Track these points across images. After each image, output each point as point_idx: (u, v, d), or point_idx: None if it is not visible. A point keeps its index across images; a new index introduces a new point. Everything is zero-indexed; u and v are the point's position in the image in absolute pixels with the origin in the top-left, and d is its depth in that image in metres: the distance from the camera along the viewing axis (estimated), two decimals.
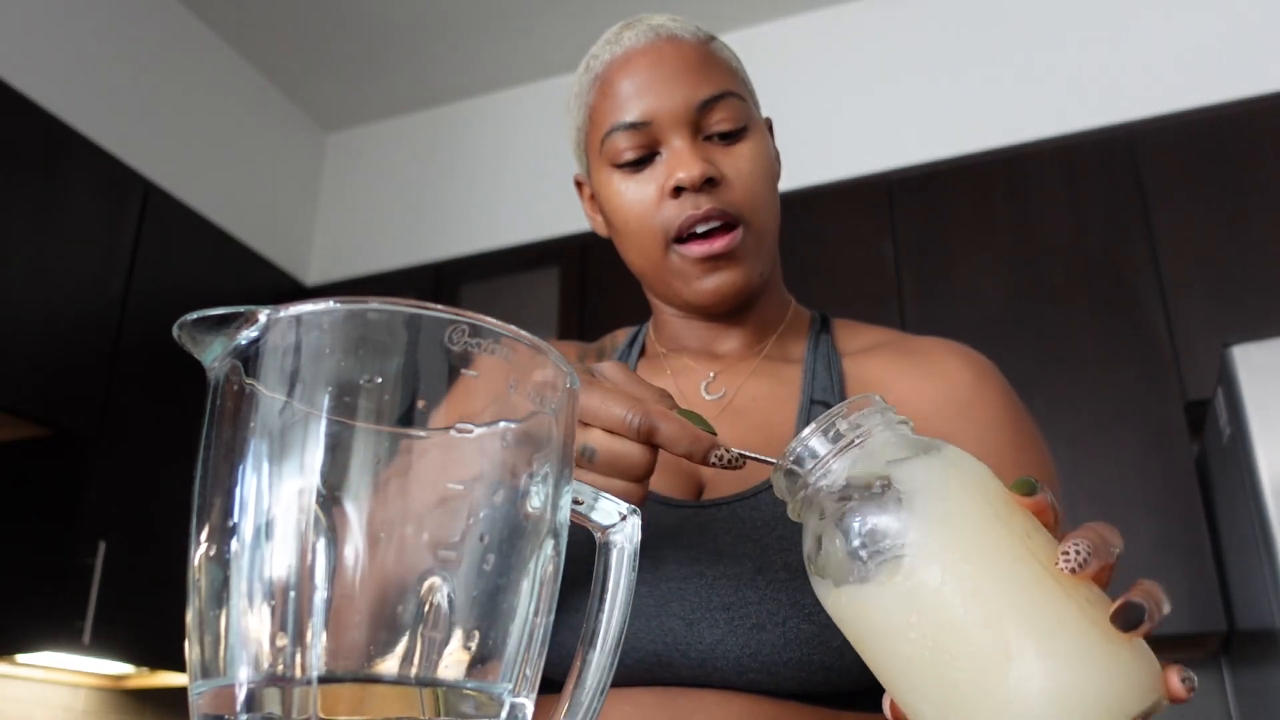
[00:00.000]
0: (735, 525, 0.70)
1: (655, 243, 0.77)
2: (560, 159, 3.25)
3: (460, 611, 0.27)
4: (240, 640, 0.26)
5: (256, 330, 0.28)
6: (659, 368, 0.86)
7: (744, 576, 0.67)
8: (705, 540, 0.69)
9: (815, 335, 0.85)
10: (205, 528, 0.28)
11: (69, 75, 2.65)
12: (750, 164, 0.77)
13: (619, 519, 0.33)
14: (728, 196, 0.75)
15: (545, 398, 0.30)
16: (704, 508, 0.71)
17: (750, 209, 0.76)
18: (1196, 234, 2.36)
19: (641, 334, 0.92)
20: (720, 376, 0.82)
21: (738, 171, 0.76)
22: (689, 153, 0.75)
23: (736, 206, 0.76)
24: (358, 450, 0.27)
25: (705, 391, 0.81)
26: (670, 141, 0.76)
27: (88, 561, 2.39)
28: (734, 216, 0.75)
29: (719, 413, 0.79)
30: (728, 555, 0.68)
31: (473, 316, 0.28)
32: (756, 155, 0.77)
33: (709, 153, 0.76)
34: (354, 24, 3.15)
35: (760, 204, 0.77)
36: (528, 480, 0.29)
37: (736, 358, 0.83)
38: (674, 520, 0.71)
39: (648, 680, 0.67)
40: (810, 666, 0.65)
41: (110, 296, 2.60)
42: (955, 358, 0.80)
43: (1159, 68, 2.64)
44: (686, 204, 0.75)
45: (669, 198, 0.75)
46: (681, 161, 0.74)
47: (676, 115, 0.76)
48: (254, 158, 3.29)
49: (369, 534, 0.26)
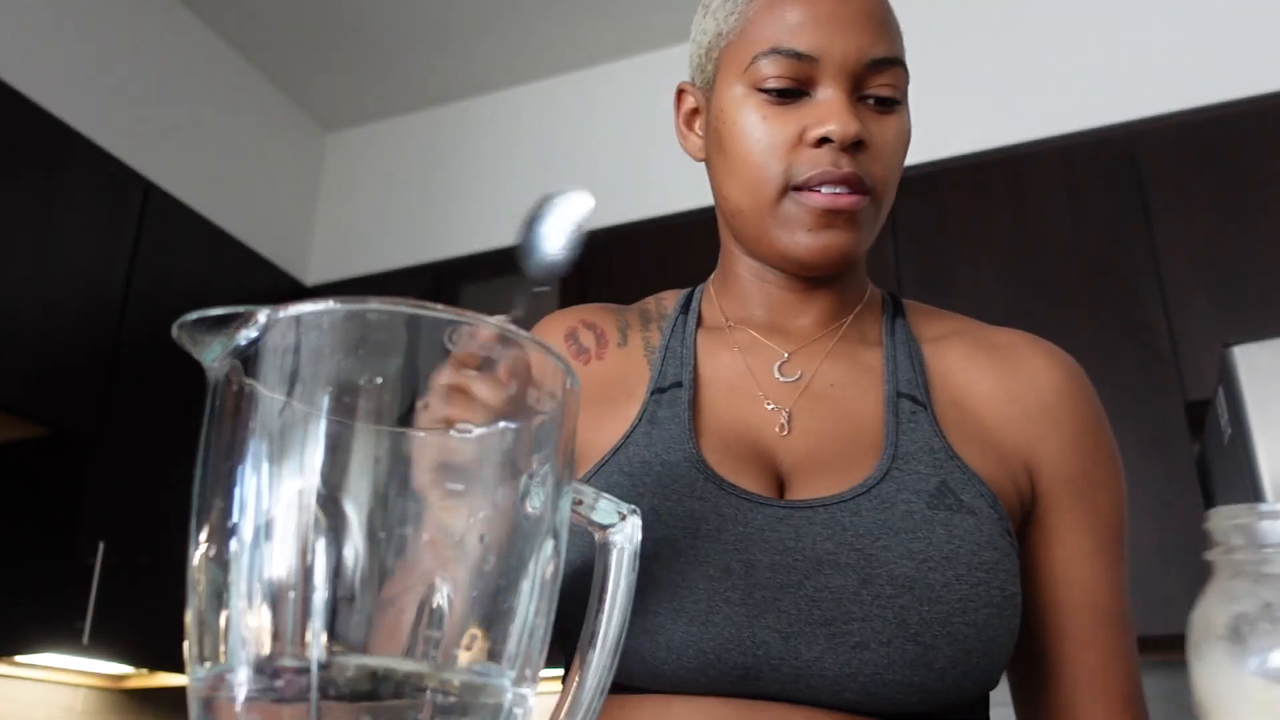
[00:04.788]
0: (836, 531, 0.65)
1: (772, 184, 0.71)
2: (560, 159, 3.25)
3: (460, 611, 0.27)
4: (240, 640, 0.26)
5: (256, 330, 0.28)
6: (724, 342, 0.78)
7: (847, 590, 0.63)
8: (803, 545, 0.65)
9: (890, 318, 0.80)
10: (205, 528, 0.27)
11: (69, 75, 2.65)
12: (896, 139, 0.72)
13: (619, 519, 0.33)
14: (869, 165, 0.70)
15: (545, 398, 0.30)
16: (798, 509, 0.66)
17: (884, 184, 0.72)
18: (1196, 234, 2.36)
19: (696, 300, 0.84)
20: (795, 357, 0.76)
21: (884, 142, 0.71)
22: (846, 107, 0.69)
23: (874, 178, 0.71)
24: (358, 450, 0.27)
25: (779, 372, 0.75)
26: (827, 86, 0.70)
27: (87, 561, 2.39)
28: (869, 188, 0.70)
29: (795, 397, 0.74)
30: (827, 565, 0.64)
31: (473, 316, 0.28)
32: (903, 132, 0.73)
33: (860, 114, 0.71)
34: (354, 24, 3.15)
35: (893, 182, 0.73)
36: (528, 480, 0.29)
37: (808, 336, 0.77)
38: (763, 520, 0.66)
39: (730, 693, 0.63)
40: (911, 689, 0.61)
41: (110, 296, 2.60)
42: (1043, 357, 0.76)
43: (1159, 68, 2.64)
44: (826, 158, 0.69)
45: (808, 145, 0.70)
46: (836, 113, 0.69)
47: (845, 62, 0.70)
48: (254, 158, 3.29)
49: (369, 534, 0.26)
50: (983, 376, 0.74)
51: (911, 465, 0.67)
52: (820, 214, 0.70)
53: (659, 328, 0.81)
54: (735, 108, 0.72)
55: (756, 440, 0.71)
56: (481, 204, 3.31)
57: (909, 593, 0.62)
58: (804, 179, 0.69)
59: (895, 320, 0.79)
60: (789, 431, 0.71)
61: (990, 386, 0.73)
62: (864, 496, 0.66)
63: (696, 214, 2.92)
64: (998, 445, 0.71)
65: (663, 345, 0.78)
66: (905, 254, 2.58)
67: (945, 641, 0.62)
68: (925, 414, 0.71)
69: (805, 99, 0.71)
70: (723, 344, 0.78)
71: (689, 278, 0.90)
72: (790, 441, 0.71)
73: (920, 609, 0.62)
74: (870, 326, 0.79)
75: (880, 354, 0.76)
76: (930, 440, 0.69)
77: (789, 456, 0.70)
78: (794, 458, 0.70)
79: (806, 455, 0.70)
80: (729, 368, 0.76)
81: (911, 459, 0.68)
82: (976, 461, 0.69)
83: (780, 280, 0.77)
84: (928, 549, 0.63)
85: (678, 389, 0.74)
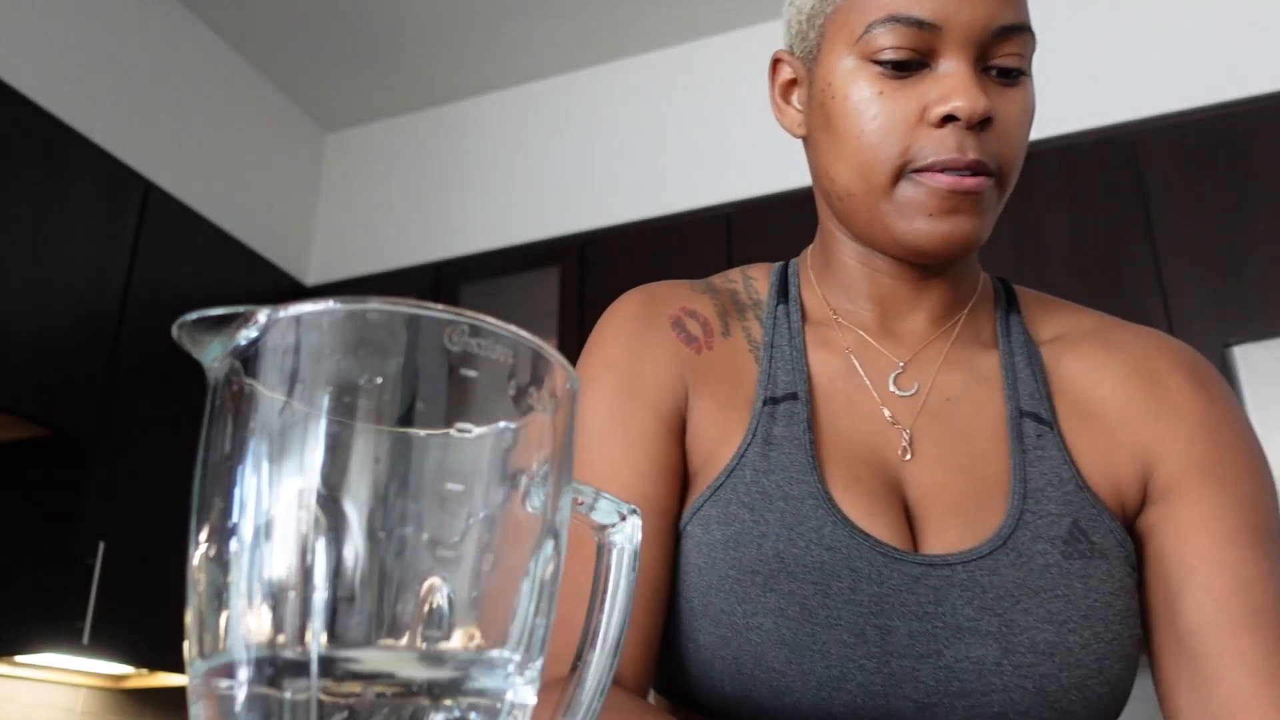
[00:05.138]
0: (976, 594, 0.61)
1: (889, 166, 0.64)
2: (560, 159, 3.25)
3: (460, 611, 0.27)
4: (240, 640, 0.26)
5: (256, 330, 0.28)
6: (834, 343, 0.72)
7: (988, 661, 0.60)
8: (942, 610, 0.61)
9: (1004, 313, 0.73)
10: (205, 528, 0.27)
11: (69, 75, 2.65)
12: (1022, 114, 0.65)
13: (619, 519, 0.33)
14: (994, 146, 0.63)
15: (545, 398, 0.30)
16: (935, 566, 0.62)
17: (1010, 164, 0.65)
18: (1196, 234, 2.36)
19: (794, 284, 0.76)
20: (911, 366, 0.70)
21: (1010, 118, 0.64)
22: (973, 81, 0.62)
23: (999, 159, 0.64)
24: (358, 450, 0.27)
25: (894, 385, 0.69)
26: (950, 57, 0.63)
27: (87, 561, 2.39)
28: (993, 171, 0.63)
29: (914, 415, 0.68)
30: (968, 633, 0.60)
31: (473, 316, 0.28)
32: (1027, 105, 0.65)
33: (985, 87, 0.63)
34: (354, 24, 3.15)
35: (1018, 162, 0.66)
36: (528, 480, 0.29)
37: (921, 338, 0.71)
38: (899, 579, 0.61)
39: None
40: None
41: (110, 296, 2.60)
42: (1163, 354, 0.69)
43: (1159, 68, 2.64)
44: (950, 140, 0.62)
45: (929, 124, 0.63)
46: (961, 88, 0.62)
47: (971, 31, 0.62)
48: (254, 158, 3.29)
49: (369, 534, 0.26)
50: (1101, 378, 0.69)
51: (1042, 505, 0.64)
52: (943, 197, 0.63)
53: (757, 318, 0.74)
54: (846, 81, 0.65)
55: (881, 467, 0.66)
56: (481, 204, 3.31)
57: (1049, 660, 0.60)
58: (926, 162, 0.63)
59: (1010, 316, 0.73)
60: (911, 455, 0.67)
61: (1110, 388, 0.68)
62: (1001, 550, 0.62)
63: (696, 214, 2.92)
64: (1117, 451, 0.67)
65: (767, 342, 0.72)
66: None
67: (1081, 705, 0.60)
68: (1051, 435, 0.66)
69: (925, 71, 0.63)
70: (833, 346, 0.72)
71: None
72: (914, 469, 0.66)
73: (1059, 675, 0.59)
74: (984, 324, 0.73)
75: (997, 359, 0.71)
76: (1059, 469, 0.65)
77: (915, 488, 0.66)
78: (920, 490, 0.66)
79: (932, 488, 0.66)
80: (843, 378, 0.70)
81: (1042, 497, 0.64)
82: (1101, 480, 0.65)
83: (891, 269, 0.70)
84: (1066, 608, 0.61)
85: (793, 402, 0.68)
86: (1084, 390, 0.69)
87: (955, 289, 0.72)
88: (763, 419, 0.68)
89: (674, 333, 0.72)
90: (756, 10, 3.11)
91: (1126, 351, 0.70)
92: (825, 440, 0.67)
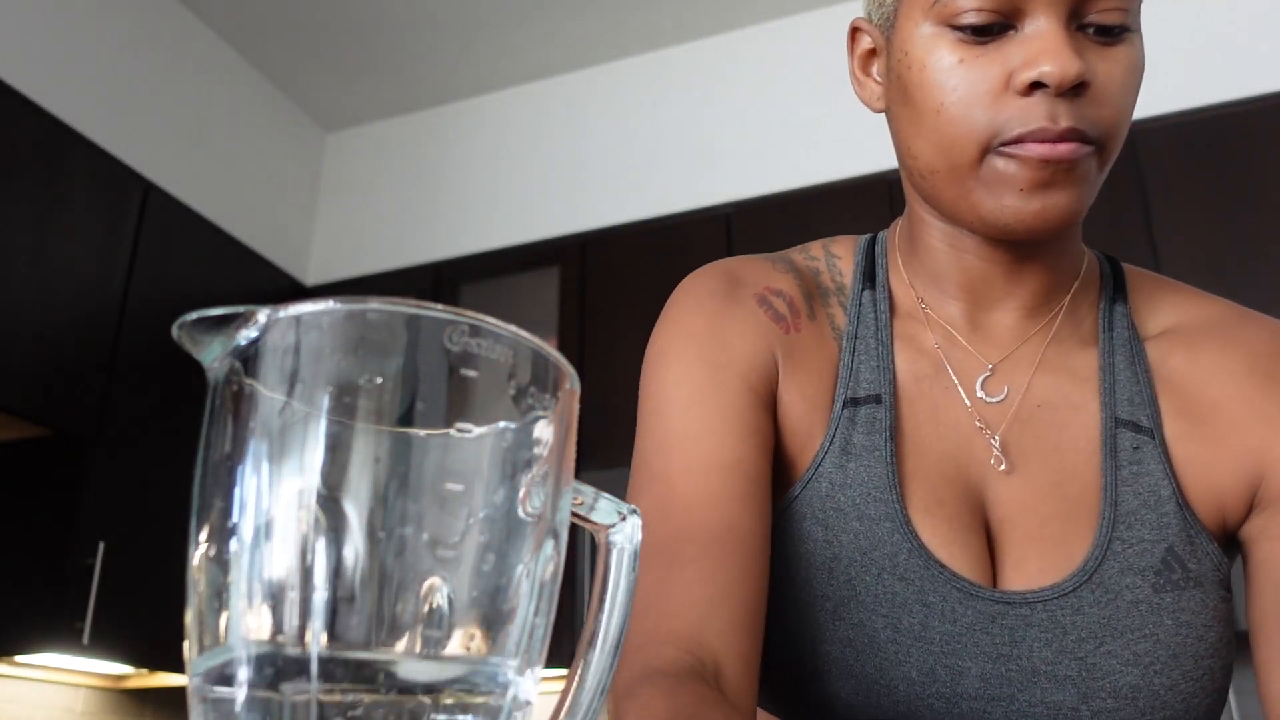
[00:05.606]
0: (1055, 636, 0.58)
1: (973, 141, 0.58)
2: (559, 159, 3.25)
3: (460, 611, 0.27)
4: (240, 640, 0.26)
5: (256, 330, 0.28)
6: (921, 343, 0.67)
7: (1064, 706, 0.57)
8: (1018, 652, 0.58)
9: (1109, 302, 0.66)
10: (205, 528, 0.27)
11: (69, 75, 2.65)
12: (1125, 75, 0.57)
13: (619, 519, 0.33)
14: (1093, 112, 0.56)
15: (545, 398, 0.30)
16: (1013, 605, 0.58)
17: (1113, 131, 0.58)
18: (1196, 234, 2.36)
19: (881, 267, 0.70)
20: (1001, 369, 0.64)
21: (1110, 81, 0.57)
22: (1063, 41, 0.55)
23: (1100, 127, 0.57)
24: (358, 450, 0.27)
25: (982, 390, 0.64)
26: (1036, 17, 0.56)
27: (87, 562, 2.39)
28: (1093, 138, 0.57)
29: (1004, 425, 0.63)
30: (1044, 677, 0.57)
31: (473, 316, 0.28)
32: (1134, 66, 0.58)
33: (1081, 47, 0.56)
34: (354, 24, 3.15)
35: (1123, 127, 0.58)
36: (528, 480, 0.29)
37: (1015, 333, 0.65)
38: (973, 618, 0.58)
39: None
40: None
41: (110, 296, 2.60)
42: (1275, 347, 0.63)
43: (1159, 68, 2.64)
44: (1040, 110, 0.56)
45: (1015, 93, 0.56)
46: (1050, 51, 0.55)
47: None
48: (254, 158, 3.29)
49: (369, 534, 0.26)
50: (1214, 378, 0.62)
51: (1135, 530, 0.59)
52: (1035, 169, 0.56)
53: (841, 304, 0.69)
54: (924, 50, 0.59)
55: (966, 485, 0.62)
56: (481, 204, 3.31)
57: (1131, 705, 0.57)
58: (1014, 135, 0.56)
59: (1115, 306, 0.66)
60: (1004, 466, 0.62)
61: (1221, 389, 0.62)
62: (1086, 586, 0.58)
63: (696, 214, 2.92)
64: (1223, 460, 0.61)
65: (850, 333, 0.67)
66: None
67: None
68: (1151, 446, 0.61)
69: (1010, 34, 0.57)
70: (920, 343, 0.66)
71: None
72: (1001, 485, 0.62)
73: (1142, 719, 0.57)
74: (1085, 315, 0.66)
75: (1096, 357, 0.65)
76: (1157, 486, 0.60)
77: (999, 507, 0.62)
78: (1004, 509, 0.62)
79: (1017, 508, 0.61)
80: (930, 379, 0.65)
81: (1134, 521, 0.60)
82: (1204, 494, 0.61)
83: (982, 252, 0.64)
84: (1154, 649, 0.57)
85: (875, 405, 0.64)
86: (1194, 391, 0.63)
87: (1053, 274, 0.65)
88: (842, 423, 0.64)
89: (761, 309, 0.67)
90: (757, 10, 3.11)
91: (1246, 347, 0.63)
92: (908, 452, 0.63)
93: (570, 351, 2.82)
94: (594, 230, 3.04)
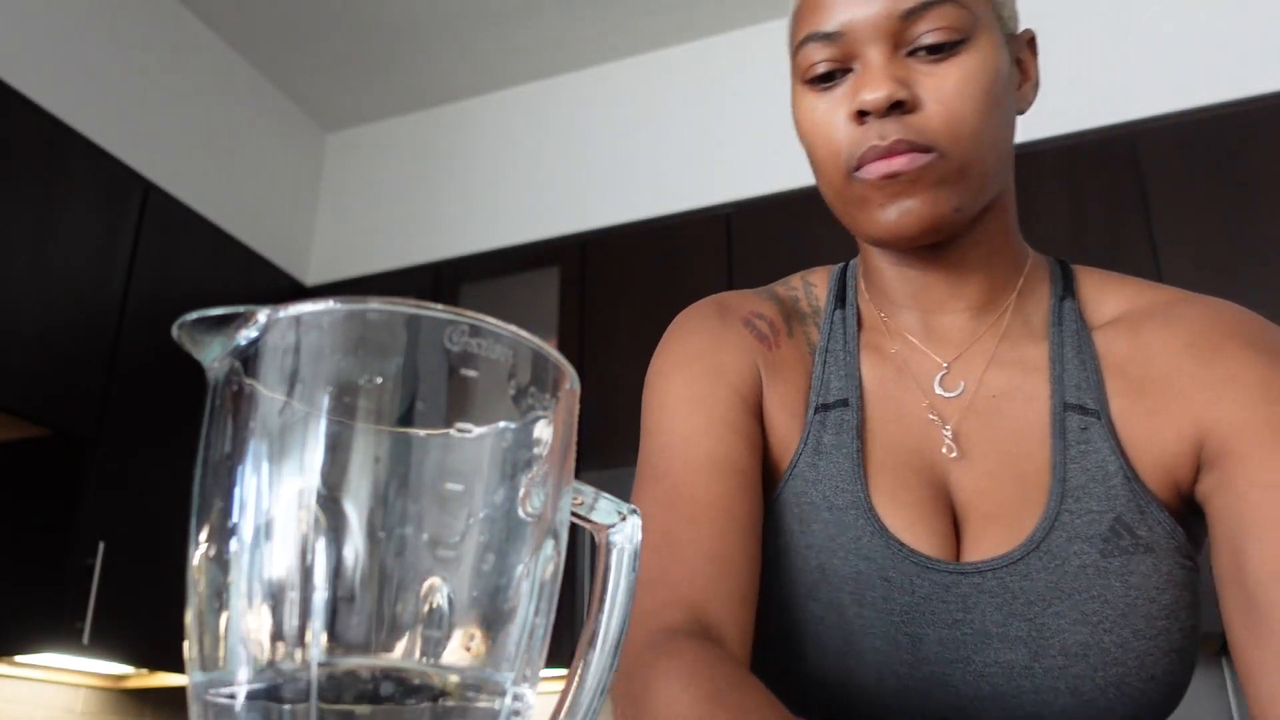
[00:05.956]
0: (1005, 600, 0.63)
1: (838, 171, 0.67)
2: (560, 159, 3.25)
3: (460, 611, 0.27)
4: (240, 640, 0.26)
5: (256, 330, 0.28)
6: (884, 351, 0.74)
7: (1017, 665, 0.62)
8: (971, 617, 0.64)
9: (1059, 299, 0.72)
10: (205, 528, 0.27)
11: (69, 75, 2.65)
12: (956, 83, 0.64)
13: (619, 519, 0.33)
14: (921, 124, 0.63)
15: (545, 398, 0.30)
16: (966, 574, 0.64)
17: (950, 136, 0.64)
18: (1196, 234, 2.36)
19: (850, 289, 0.78)
20: (956, 366, 0.71)
21: (938, 93, 0.64)
22: (879, 70, 0.64)
23: (929, 135, 0.63)
24: (358, 450, 0.27)
25: (940, 386, 0.71)
26: (864, 55, 0.65)
27: (88, 561, 2.39)
28: (925, 147, 0.63)
29: (960, 416, 0.70)
30: (996, 639, 0.63)
31: (473, 316, 0.28)
32: (967, 74, 0.64)
33: (907, 71, 0.64)
34: (354, 24, 3.16)
35: (965, 131, 0.64)
36: (528, 480, 0.29)
37: (967, 333, 0.72)
38: (929, 588, 0.64)
39: None
40: None
41: (110, 296, 2.60)
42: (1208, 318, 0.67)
43: (1159, 68, 2.64)
44: (871, 132, 0.64)
45: (853, 123, 0.65)
46: (867, 81, 0.64)
47: (875, 25, 0.65)
48: (254, 158, 3.29)
49: (369, 534, 0.26)
50: (1155, 355, 0.67)
51: (1083, 502, 0.64)
52: (878, 187, 0.64)
53: (815, 324, 0.77)
54: (797, 107, 0.70)
55: (929, 472, 0.68)
56: (481, 204, 3.31)
57: (1083, 661, 0.61)
58: (857, 160, 0.65)
59: (1064, 302, 0.72)
60: (957, 454, 0.68)
61: (1163, 365, 0.66)
62: (1034, 554, 0.63)
63: (696, 214, 2.92)
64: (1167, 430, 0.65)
65: (823, 348, 0.75)
66: None
67: (1121, 701, 0.61)
68: (1098, 425, 0.66)
69: (849, 75, 0.67)
70: (883, 351, 0.74)
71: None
72: (961, 471, 0.68)
73: (1094, 675, 0.61)
74: (1035, 311, 0.72)
75: (1047, 349, 0.70)
76: (1104, 462, 0.65)
77: (961, 491, 0.68)
78: (965, 493, 0.67)
79: (976, 492, 0.67)
80: (893, 382, 0.72)
81: (1083, 494, 0.64)
82: (1152, 466, 0.64)
83: (908, 262, 0.72)
84: (1102, 608, 0.61)
85: (843, 409, 0.71)
86: (1138, 371, 0.67)
87: (991, 276, 0.71)
88: (814, 427, 0.71)
89: (746, 330, 0.76)
90: (756, 10, 3.11)
91: (1185, 325, 0.67)
92: (874, 447, 0.70)
93: (570, 351, 2.82)
94: (594, 230, 3.04)
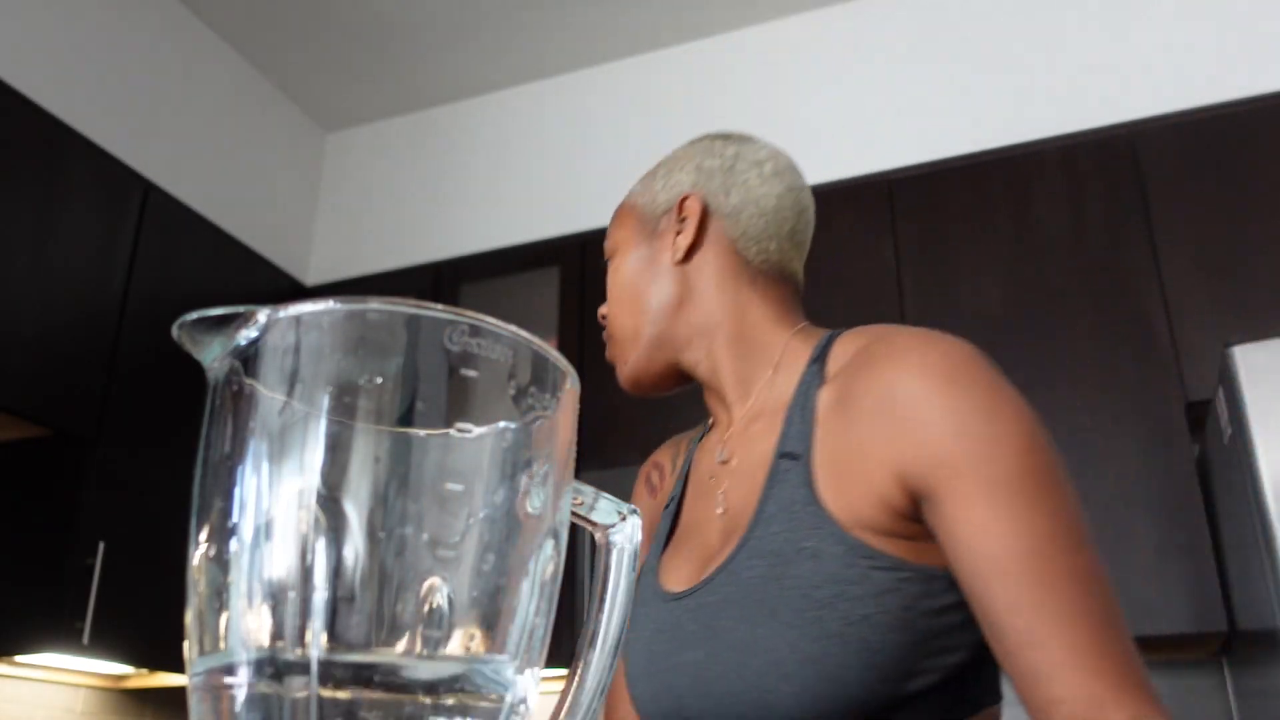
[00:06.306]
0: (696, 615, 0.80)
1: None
2: (559, 159, 3.25)
3: (460, 611, 0.27)
4: (240, 640, 0.26)
5: (256, 330, 0.28)
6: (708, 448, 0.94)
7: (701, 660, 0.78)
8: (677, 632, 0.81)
9: (810, 364, 0.83)
10: (205, 528, 0.27)
11: (69, 75, 2.65)
12: (612, 288, 0.92)
13: (619, 519, 0.33)
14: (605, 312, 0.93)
15: (545, 398, 0.30)
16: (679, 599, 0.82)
17: (612, 323, 0.92)
18: (1196, 234, 2.36)
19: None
20: (729, 442, 0.88)
21: (609, 291, 0.92)
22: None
23: (607, 323, 0.93)
24: (358, 450, 0.27)
25: (720, 458, 0.88)
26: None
27: (87, 561, 2.39)
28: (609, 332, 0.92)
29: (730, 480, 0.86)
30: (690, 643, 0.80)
31: (473, 316, 0.28)
32: (614, 280, 0.92)
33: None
34: (354, 24, 3.15)
35: (615, 315, 0.91)
36: (528, 480, 0.29)
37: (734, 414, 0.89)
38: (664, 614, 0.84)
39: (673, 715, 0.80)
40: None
41: (110, 296, 2.60)
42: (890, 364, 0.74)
43: (1159, 68, 2.64)
44: None
45: None
46: None
47: None
48: (254, 158, 3.29)
49: (369, 534, 0.26)
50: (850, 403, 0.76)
51: (769, 528, 0.76)
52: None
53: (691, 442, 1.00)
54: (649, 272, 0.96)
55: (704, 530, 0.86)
56: (481, 204, 3.31)
57: (747, 650, 0.73)
58: None
59: (812, 366, 0.82)
60: (723, 509, 0.85)
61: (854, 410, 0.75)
62: (720, 574, 0.78)
63: None
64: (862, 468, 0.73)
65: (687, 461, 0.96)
66: (905, 255, 2.58)
67: (784, 683, 0.71)
68: (797, 467, 0.77)
69: None
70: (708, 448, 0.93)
71: None
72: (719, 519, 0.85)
73: (753, 662, 0.72)
74: (787, 384, 0.85)
75: (785, 413, 0.83)
76: (794, 493, 0.76)
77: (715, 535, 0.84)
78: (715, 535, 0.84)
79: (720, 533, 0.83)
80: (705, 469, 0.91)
81: (771, 521, 0.76)
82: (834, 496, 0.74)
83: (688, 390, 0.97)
84: (758, 610, 0.73)
85: (671, 504, 0.93)
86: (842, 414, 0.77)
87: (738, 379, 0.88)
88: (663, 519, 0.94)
89: (644, 488, 1.01)
90: (755, 11, 3.11)
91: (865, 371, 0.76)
92: (682, 521, 0.90)
93: (570, 351, 2.82)
94: (594, 230, 3.04)
